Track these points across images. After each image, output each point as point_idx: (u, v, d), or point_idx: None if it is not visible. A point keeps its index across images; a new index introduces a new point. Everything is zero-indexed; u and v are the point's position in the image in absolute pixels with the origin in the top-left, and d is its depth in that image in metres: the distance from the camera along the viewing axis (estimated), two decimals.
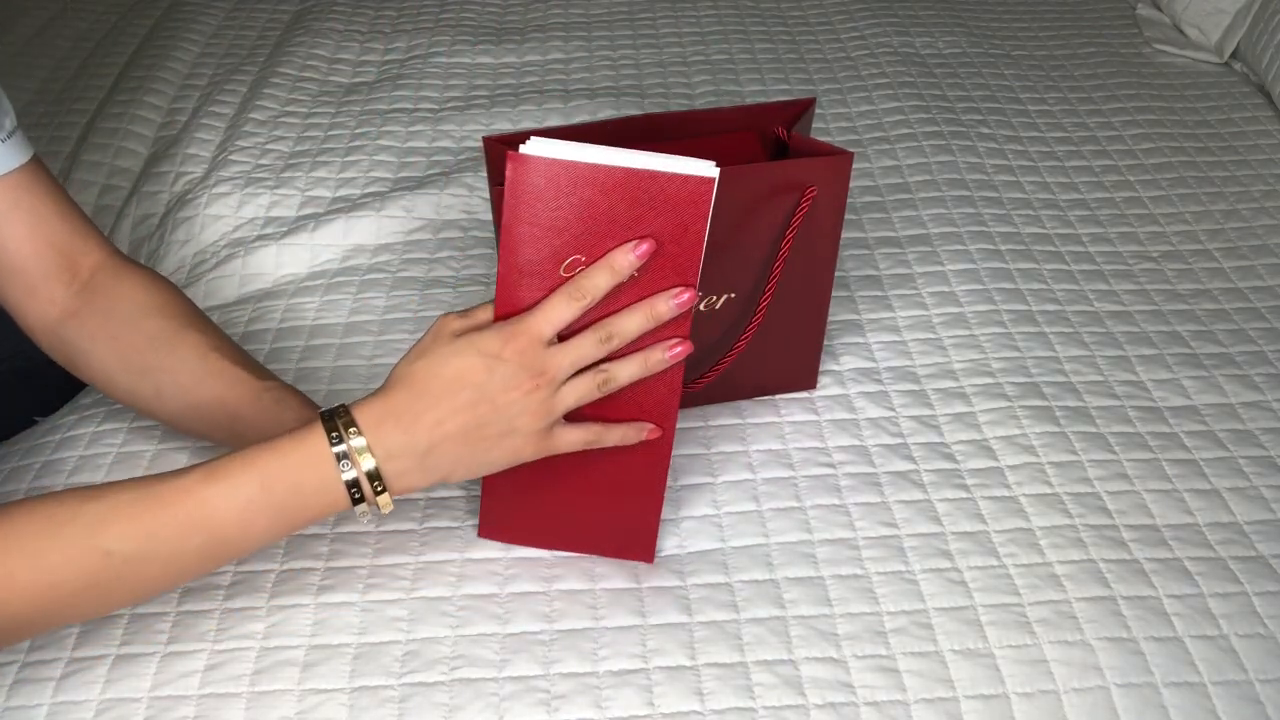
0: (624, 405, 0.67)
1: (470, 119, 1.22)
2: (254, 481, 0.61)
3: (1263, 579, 0.71)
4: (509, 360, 0.62)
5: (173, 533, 0.61)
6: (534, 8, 1.52)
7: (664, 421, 0.68)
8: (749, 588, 0.71)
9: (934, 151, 1.16)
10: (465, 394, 0.62)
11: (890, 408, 0.85)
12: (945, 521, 0.75)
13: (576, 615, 0.69)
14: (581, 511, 0.72)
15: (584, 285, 0.63)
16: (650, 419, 0.68)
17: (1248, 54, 1.31)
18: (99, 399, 0.87)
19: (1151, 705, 0.64)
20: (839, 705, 0.64)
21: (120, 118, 1.25)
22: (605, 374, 0.65)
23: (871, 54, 1.37)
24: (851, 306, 0.94)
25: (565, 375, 0.64)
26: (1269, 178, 1.13)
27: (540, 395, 0.63)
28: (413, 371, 0.64)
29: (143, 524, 0.60)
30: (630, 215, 0.63)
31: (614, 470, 0.70)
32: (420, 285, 0.97)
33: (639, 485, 0.70)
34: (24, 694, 0.65)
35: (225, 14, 1.52)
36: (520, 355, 0.63)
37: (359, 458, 0.62)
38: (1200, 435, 0.82)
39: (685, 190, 0.63)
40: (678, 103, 1.26)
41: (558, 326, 0.63)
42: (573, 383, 0.64)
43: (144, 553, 0.61)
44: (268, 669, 0.66)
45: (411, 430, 0.62)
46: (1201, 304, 0.96)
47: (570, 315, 0.63)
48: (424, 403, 0.62)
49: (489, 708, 0.64)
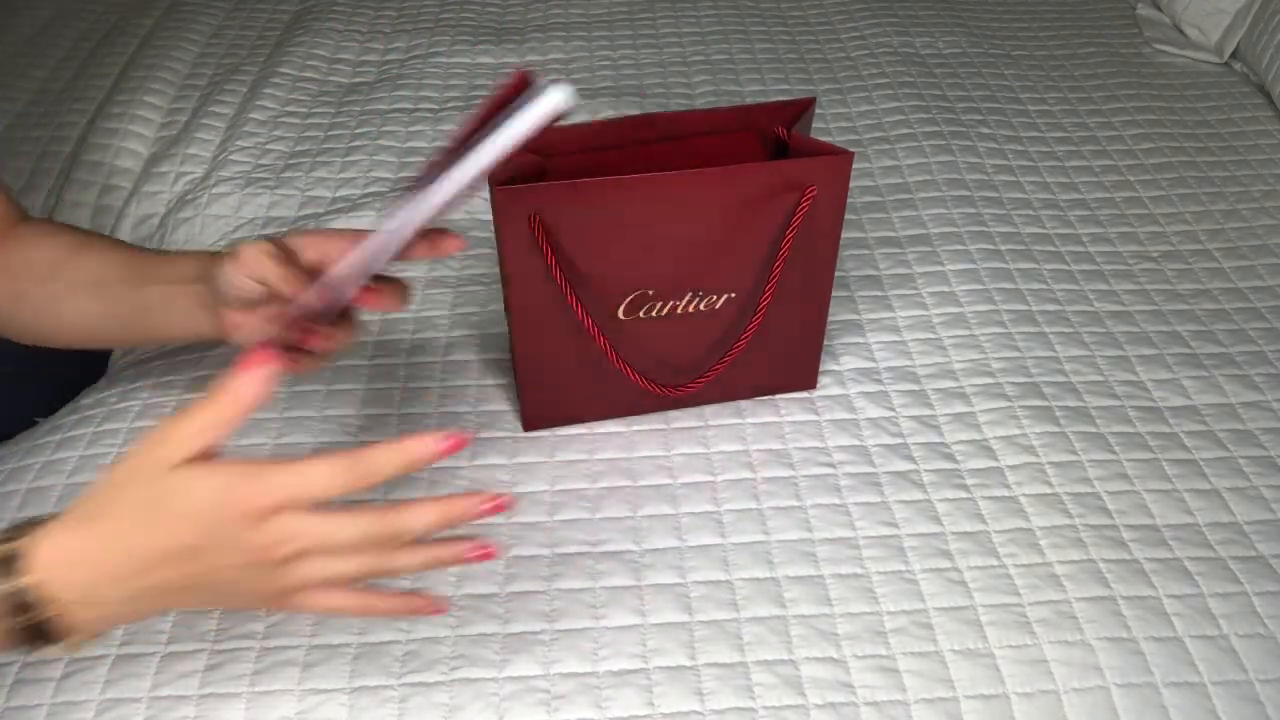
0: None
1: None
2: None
3: (1263, 579, 0.71)
4: (233, 525, 0.50)
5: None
6: (534, 8, 1.52)
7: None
8: (749, 586, 0.71)
9: (934, 151, 1.16)
10: (172, 549, 0.51)
11: (890, 408, 0.85)
12: (945, 521, 0.75)
13: (576, 615, 0.69)
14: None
15: (370, 464, 0.51)
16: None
17: (1248, 54, 1.31)
18: (99, 399, 0.87)
19: (1151, 705, 0.64)
20: (839, 705, 0.64)
21: (120, 118, 1.25)
22: (373, 571, 0.53)
23: (871, 54, 1.37)
24: (851, 306, 0.94)
25: (310, 558, 0.52)
26: (1269, 178, 1.13)
27: (266, 570, 0.52)
28: (112, 504, 0.52)
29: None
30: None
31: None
32: (420, 285, 0.97)
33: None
34: (24, 694, 0.65)
35: (225, 14, 1.52)
36: (250, 521, 0.50)
37: (34, 605, 0.51)
38: (1200, 435, 0.82)
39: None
40: (678, 103, 1.26)
41: (319, 499, 0.51)
42: (318, 565, 0.52)
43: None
44: (268, 669, 0.66)
45: (100, 581, 0.51)
46: (1201, 304, 0.96)
47: (341, 490, 0.51)
48: (117, 549, 0.51)
49: (489, 708, 0.64)
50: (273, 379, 0.52)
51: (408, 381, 0.87)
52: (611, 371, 0.78)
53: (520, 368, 0.79)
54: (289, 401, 0.85)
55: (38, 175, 1.18)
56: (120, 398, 0.86)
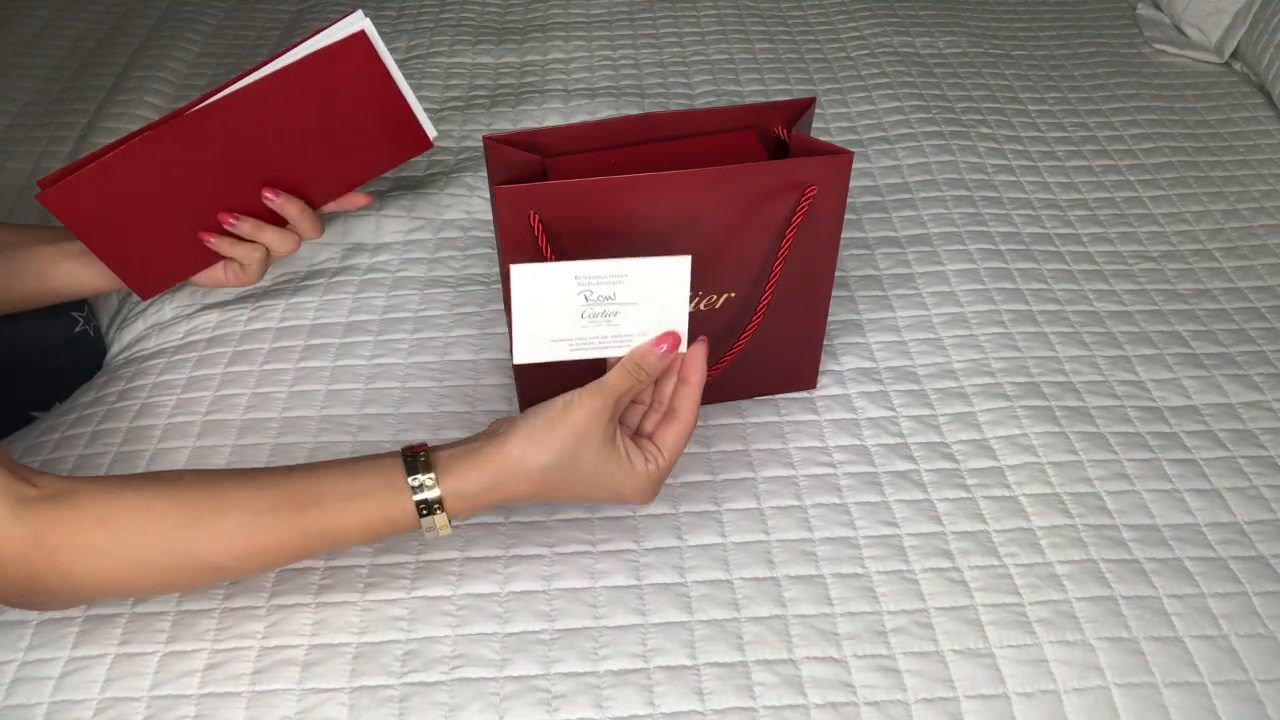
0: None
1: (470, 119, 1.22)
2: (365, 519, 0.64)
3: (1263, 579, 0.71)
4: (631, 495, 0.67)
5: (279, 555, 0.64)
6: (534, 8, 1.52)
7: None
8: (749, 585, 0.71)
9: (934, 151, 1.16)
10: (579, 488, 0.66)
11: (890, 407, 0.85)
12: (945, 521, 0.75)
13: (577, 614, 0.69)
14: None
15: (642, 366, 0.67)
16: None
17: (1248, 54, 1.31)
18: (99, 397, 0.87)
19: (1152, 705, 0.64)
20: (839, 705, 0.64)
21: (120, 118, 1.25)
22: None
23: (871, 54, 1.37)
24: (851, 306, 0.94)
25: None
26: (1269, 178, 1.13)
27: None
28: (571, 470, 0.65)
29: (253, 545, 0.63)
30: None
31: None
32: (420, 285, 0.97)
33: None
34: (24, 692, 0.65)
35: (225, 14, 1.52)
36: (645, 492, 0.67)
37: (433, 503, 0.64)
38: (1200, 435, 0.82)
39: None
40: (678, 103, 1.26)
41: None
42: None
43: (249, 568, 0.64)
44: (268, 668, 0.66)
45: (505, 498, 0.66)
46: (1201, 304, 0.96)
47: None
48: (547, 492, 0.66)
49: (489, 707, 0.64)
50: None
51: (407, 381, 0.87)
52: None
53: (520, 367, 0.79)
54: (289, 401, 0.85)
55: (38, 175, 1.18)
56: (119, 396, 0.86)
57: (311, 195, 0.87)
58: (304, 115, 0.83)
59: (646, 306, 0.66)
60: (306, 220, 0.87)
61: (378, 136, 0.88)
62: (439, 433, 0.82)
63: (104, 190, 0.78)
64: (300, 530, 0.63)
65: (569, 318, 0.65)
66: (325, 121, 0.84)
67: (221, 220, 0.84)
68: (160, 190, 0.81)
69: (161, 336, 0.93)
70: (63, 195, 0.77)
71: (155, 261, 0.85)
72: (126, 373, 0.90)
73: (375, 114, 0.86)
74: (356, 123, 0.86)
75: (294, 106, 0.82)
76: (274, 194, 0.85)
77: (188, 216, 0.83)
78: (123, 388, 0.87)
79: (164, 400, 0.85)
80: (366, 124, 0.86)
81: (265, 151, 0.83)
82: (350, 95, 0.84)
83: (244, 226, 0.84)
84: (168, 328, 0.94)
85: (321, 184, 0.88)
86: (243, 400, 0.85)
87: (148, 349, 0.93)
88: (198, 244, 0.85)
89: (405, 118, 0.87)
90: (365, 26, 0.81)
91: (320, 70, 0.81)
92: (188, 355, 0.90)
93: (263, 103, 0.81)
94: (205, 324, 0.93)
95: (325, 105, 0.83)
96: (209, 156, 0.81)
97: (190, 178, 0.81)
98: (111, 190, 0.79)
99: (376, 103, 0.85)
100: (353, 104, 0.84)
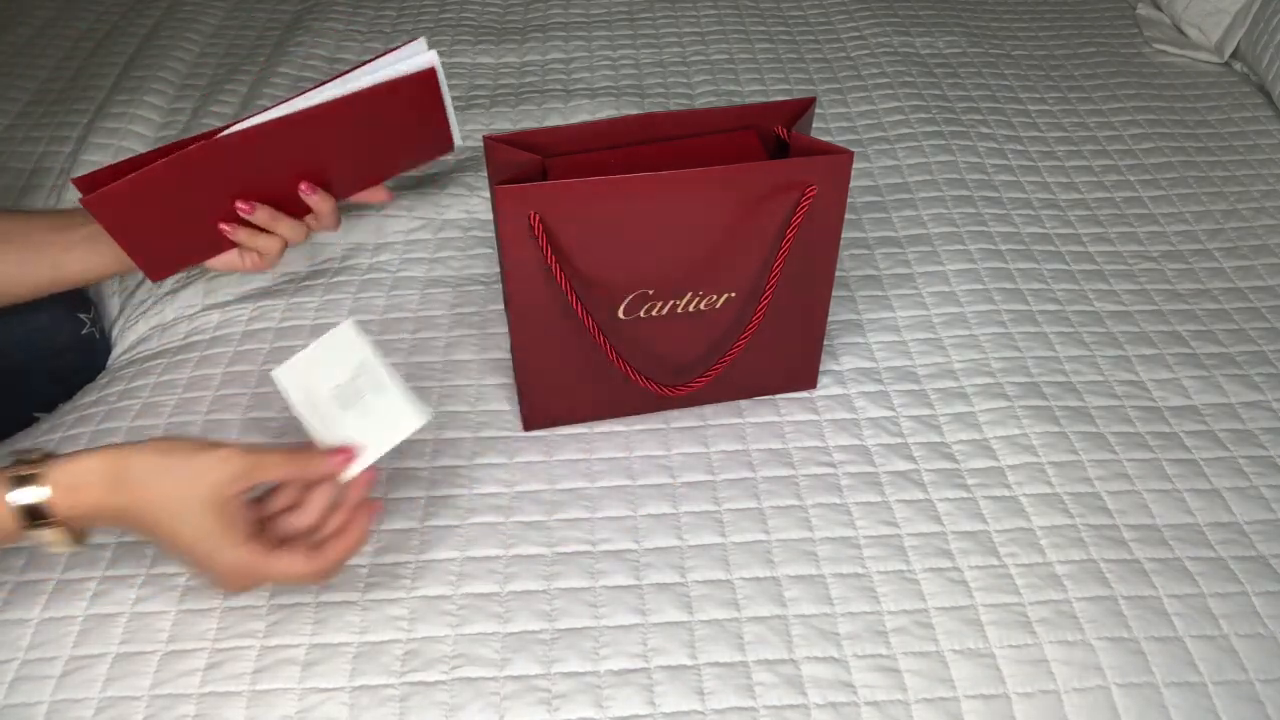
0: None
1: (470, 119, 1.22)
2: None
3: (1263, 579, 0.71)
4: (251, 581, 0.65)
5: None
6: (534, 8, 1.52)
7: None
8: (750, 585, 0.71)
9: (934, 151, 1.16)
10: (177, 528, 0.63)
11: (890, 407, 0.85)
12: (946, 521, 0.75)
13: (577, 614, 0.69)
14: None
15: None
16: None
17: (1248, 54, 1.31)
18: (100, 398, 0.87)
19: (1152, 705, 0.64)
20: (839, 705, 0.64)
21: (120, 118, 1.25)
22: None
23: (871, 54, 1.37)
24: (851, 306, 0.94)
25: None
26: (1269, 178, 1.13)
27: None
28: (178, 504, 0.62)
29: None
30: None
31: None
32: (420, 285, 0.97)
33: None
34: (24, 691, 0.65)
35: (225, 14, 1.52)
36: (237, 579, 0.64)
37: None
38: (1200, 435, 0.82)
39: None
40: (678, 103, 1.26)
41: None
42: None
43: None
44: (268, 668, 0.66)
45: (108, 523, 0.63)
46: (1201, 304, 0.96)
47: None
48: (146, 513, 0.62)
49: (489, 707, 0.64)
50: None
51: (407, 381, 0.87)
52: (611, 371, 0.78)
53: (520, 367, 0.79)
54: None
55: (38, 175, 1.18)
56: (120, 396, 0.86)
57: (336, 189, 0.88)
58: (356, 132, 0.85)
59: (370, 421, 0.67)
60: (332, 215, 0.88)
61: (413, 144, 0.91)
62: (439, 433, 0.82)
63: (148, 193, 0.78)
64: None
65: (332, 380, 0.67)
66: (373, 136, 0.87)
67: (236, 208, 0.83)
68: (201, 191, 0.81)
69: (164, 337, 0.93)
70: (103, 201, 0.77)
71: (173, 249, 0.85)
72: (128, 373, 0.90)
73: (420, 130, 0.90)
74: (400, 137, 0.89)
75: (350, 125, 0.84)
76: (310, 189, 0.85)
77: (212, 207, 0.84)
78: (124, 388, 0.87)
79: (165, 400, 0.85)
80: (409, 138, 0.90)
81: (308, 158, 0.84)
82: (404, 117, 0.87)
83: (260, 215, 0.84)
84: (170, 328, 0.94)
85: (350, 180, 0.90)
86: (243, 400, 0.85)
87: (149, 349, 0.93)
88: (214, 230, 0.85)
89: (441, 127, 0.91)
90: (435, 64, 0.85)
91: (384, 97, 0.84)
92: (189, 355, 0.90)
93: (324, 123, 0.82)
94: (206, 324, 0.93)
95: (378, 123, 0.86)
96: (258, 165, 0.82)
97: (233, 181, 0.82)
98: (157, 192, 0.79)
99: (425, 123, 0.89)
100: (403, 124, 0.87)
